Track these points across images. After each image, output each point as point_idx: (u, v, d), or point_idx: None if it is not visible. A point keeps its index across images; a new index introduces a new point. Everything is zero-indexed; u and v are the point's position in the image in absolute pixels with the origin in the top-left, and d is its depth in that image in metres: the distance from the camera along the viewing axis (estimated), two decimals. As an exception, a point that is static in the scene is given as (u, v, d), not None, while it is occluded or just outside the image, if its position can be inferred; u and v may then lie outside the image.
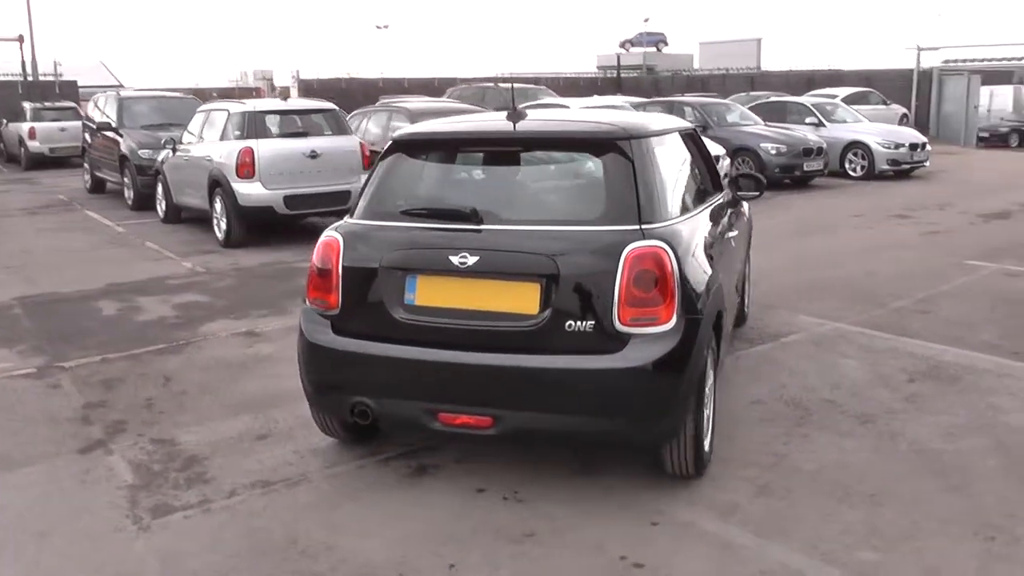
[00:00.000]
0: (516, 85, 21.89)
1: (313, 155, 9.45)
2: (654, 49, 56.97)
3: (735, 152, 14.53)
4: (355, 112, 12.91)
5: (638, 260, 3.33)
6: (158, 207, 11.34)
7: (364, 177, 9.52)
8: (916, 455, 4.05)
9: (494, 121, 3.86)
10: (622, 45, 57.32)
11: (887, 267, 8.13)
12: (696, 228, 3.85)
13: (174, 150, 10.54)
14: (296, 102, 10.48)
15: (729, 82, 35.95)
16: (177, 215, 11.01)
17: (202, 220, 10.57)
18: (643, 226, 3.45)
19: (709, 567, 3.14)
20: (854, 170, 15.75)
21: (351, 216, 3.86)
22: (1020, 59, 34.06)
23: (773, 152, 14.77)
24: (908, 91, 27.27)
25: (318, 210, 9.75)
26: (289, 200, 9.35)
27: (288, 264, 8.69)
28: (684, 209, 3.88)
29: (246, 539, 3.38)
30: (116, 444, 4.32)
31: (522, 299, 3.41)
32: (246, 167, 9.11)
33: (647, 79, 40.48)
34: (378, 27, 51.85)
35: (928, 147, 16.05)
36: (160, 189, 11.15)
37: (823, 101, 18.71)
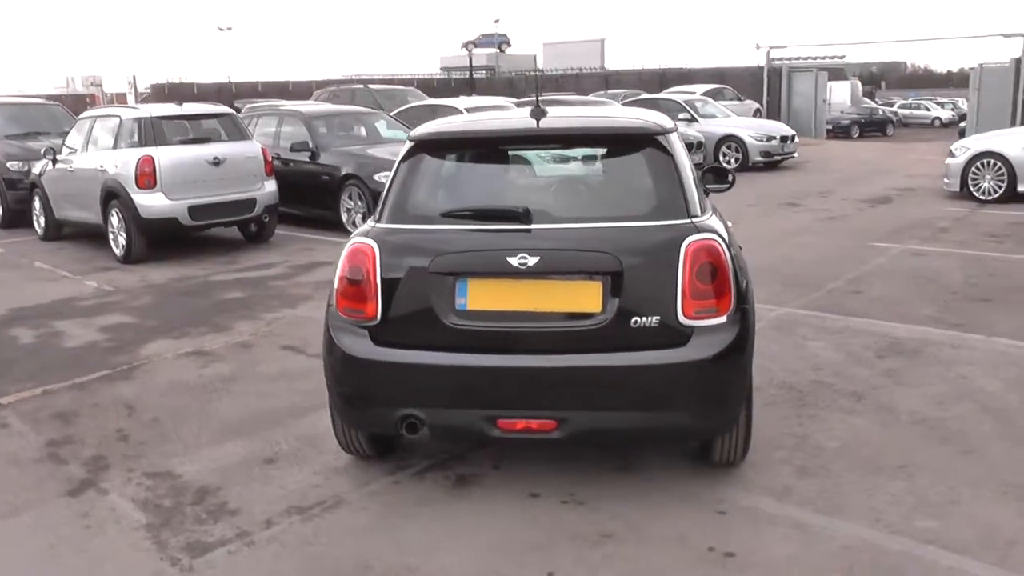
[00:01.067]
0: (379, 88, 21.58)
1: (216, 162, 8.92)
2: (497, 50, 57.72)
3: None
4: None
5: (698, 253, 3.35)
6: (35, 223, 10.36)
7: (268, 184, 9.35)
8: (918, 425, 4.29)
9: (522, 119, 3.76)
10: (465, 46, 57.63)
11: (801, 252, 8.59)
12: (720, 220, 3.92)
13: (54, 161, 9.67)
14: (193, 107, 9.84)
15: (583, 81, 37.01)
16: (58, 231, 10.12)
17: (90, 235, 9.77)
18: (693, 220, 3.48)
19: (795, 549, 3.20)
20: (728, 163, 16.54)
21: (377, 220, 3.66)
22: (842, 57, 36.94)
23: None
24: (759, 87, 28.90)
25: (224, 220, 9.24)
26: (194, 211, 8.78)
27: (200, 278, 8.17)
28: (706, 203, 3.94)
29: (312, 570, 3.15)
30: (107, 482, 3.91)
31: (584, 298, 3.35)
32: (146, 177, 8.48)
33: (500, 79, 40.98)
34: (221, 29, 49.75)
35: (796, 139, 17.10)
36: (37, 204, 10.18)
37: (693, 98, 19.54)
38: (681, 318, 3.33)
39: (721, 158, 16.61)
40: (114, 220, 8.78)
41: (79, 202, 9.36)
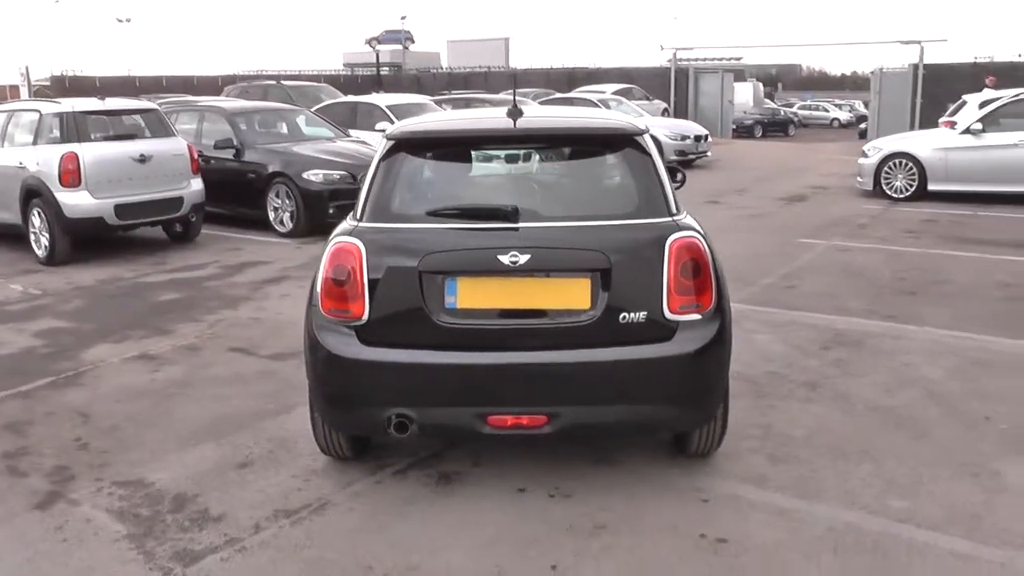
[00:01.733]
0: (292, 84, 21.15)
1: (142, 159, 8.59)
2: (401, 47, 57.30)
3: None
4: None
5: (682, 250, 3.45)
6: (-57, 224, 9.73)
7: (194, 182, 9.07)
8: (872, 412, 4.53)
9: (498, 119, 3.79)
10: (369, 43, 56.98)
11: (731, 249, 8.81)
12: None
13: (-38, 157, 9.10)
14: (116, 102, 9.40)
15: (492, 79, 37.10)
16: (-32, 232, 9.55)
17: (4, 236, 9.27)
18: (674, 218, 3.58)
19: (782, 533, 3.34)
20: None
21: (359, 219, 3.62)
22: (739, 59, 38.26)
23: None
24: (666, 87, 29.62)
25: (150, 220, 8.91)
26: (120, 210, 8.44)
27: (130, 280, 7.87)
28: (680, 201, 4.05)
29: (315, 573, 3.11)
30: (75, 493, 3.75)
31: (573, 295, 3.41)
32: (71, 174, 8.10)
33: (407, 76, 40.71)
34: (120, 20, 47.68)
35: (710, 138, 17.62)
36: (-56, 203, 9.57)
37: (606, 97, 19.88)
38: (667, 313, 3.43)
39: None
40: (35, 220, 8.35)
41: (-6, 201, 8.86)
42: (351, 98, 15.52)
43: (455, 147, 3.82)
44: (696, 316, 3.48)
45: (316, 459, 4.02)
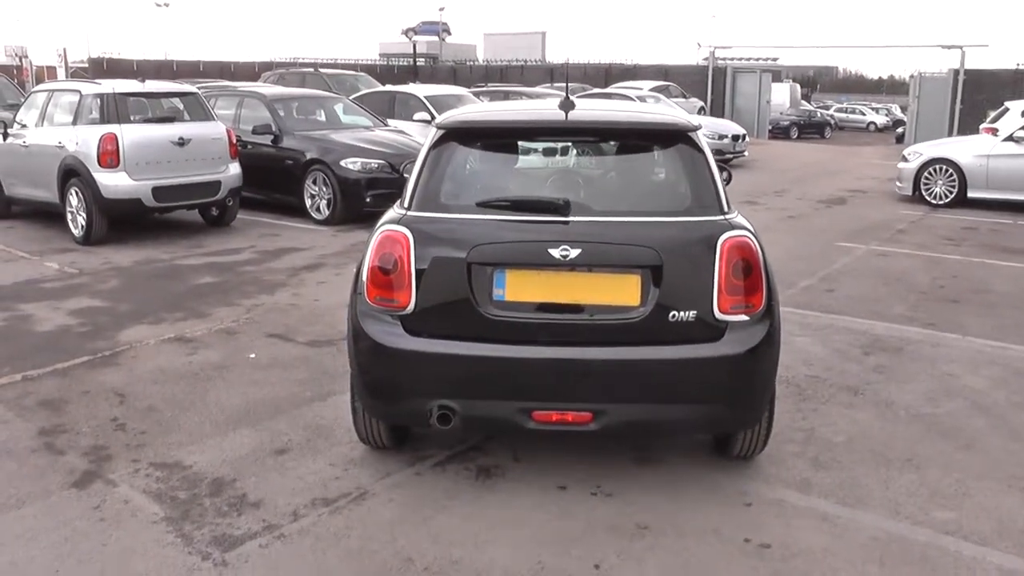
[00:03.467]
0: (329, 72, 21.21)
1: (181, 142, 8.63)
2: (437, 38, 57.29)
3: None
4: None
5: (734, 249, 3.39)
6: (-19, 201, 9.88)
7: (232, 167, 9.10)
8: (916, 420, 4.44)
9: (550, 111, 3.74)
10: (405, 33, 57.00)
11: (770, 249, 8.68)
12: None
13: (4, 135, 9.22)
14: (156, 84, 9.48)
15: (528, 73, 36.96)
16: (7, 209, 9.67)
17: (41, 214, 9.38)
18: (726, 216, 3.52)
19: (827, 540, 3.28)
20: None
21: (407, 207, 3.58)
22: (775, 59, 37.86)
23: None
24: (704, 85, 29.32)
25: (187, 203, 8.97)
26: (158, 192, 8.49)
27: (166, 262, 7.92)
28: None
29: (356, 563, 3.09)
30: (114, 473, 3.77)
31: (623, 291, 3.36)
32: (109, 155, 8.16)
33: (443, 68, 40.67)
34: (158, 4, 48.01)
35: (747, 138, 17.44)
36: (-15, 180, 9.71)
37: (644, 94, 19.72)
38: (716, 313, 3.37)
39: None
40: (73, 199, 8.43)
41: (33, 180, 8.96)
42: (389, 88, 15.54)
43: (506, 138, 3.78)
44: (746, 317, 3.43)
45: (354, 448, 4.01)
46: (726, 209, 3.56)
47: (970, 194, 11.25)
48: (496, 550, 3.16)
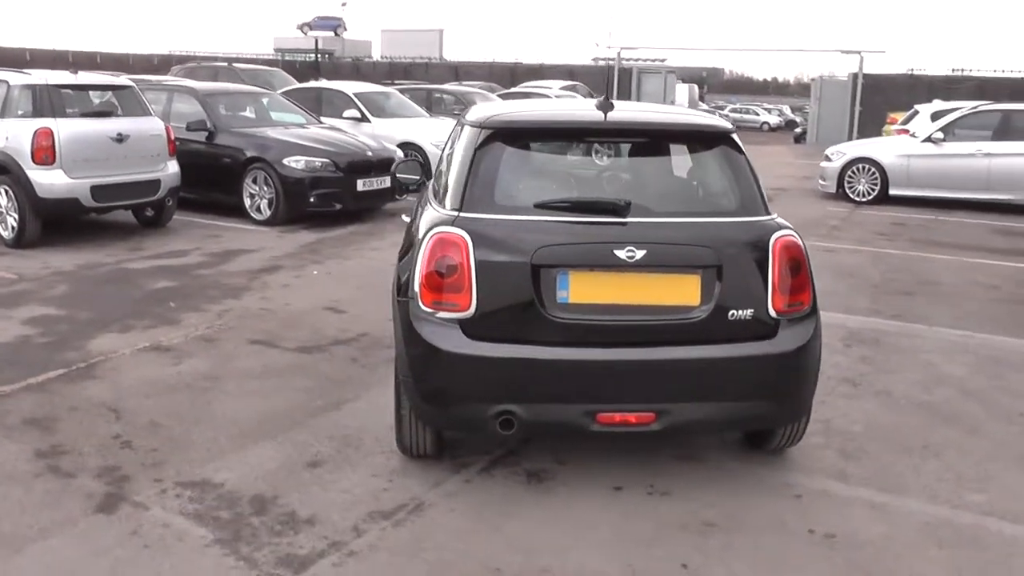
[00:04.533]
0: (244, 67, 20.50)
1: (120, 138, 8.15)
2: (332, 34, 56.24)
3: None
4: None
5: (785, 249, 3.47)
6: None
7: (171, 165, 8.66)
8: (919, 409, 4.65)
9: (589, 111, 3.72)
10: (300, 28, 55.69)
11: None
12: None
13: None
14: (91, 76, 8.90)
15: (432, 71, 36.80)
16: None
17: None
18: (771, 216, 3.60)
19: (884, 527, 3.39)
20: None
21: (458, 208, 3.48)
22: (663, 60, 38.78)
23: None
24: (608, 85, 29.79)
25: (127, 203, 8.49)
26: (97, 191, 7.98)
27: (111, 265, 7.47)
28: None
29: (442, 576, 3.00)
30: (139, 495, 3.52)
31: (683, 291, 3.38)
32: (44, 151, 7.62)
33: (346, 65, 39.98)
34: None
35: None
36: None
37: (562, 93, 19.96)
38: (771, 311, 3.44)
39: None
40: (2, 199, 7.83)
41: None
42: (315, 84, 15.13)
43: (551, 139, 3.75)
44: (797, 314, 3.51)
45: (390, 458, 3.88)
46: (769, 209, 3.64)
47: (891, 191, 11.90)
48: (580, 555, 3.12)
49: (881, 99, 21.96)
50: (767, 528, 3.36)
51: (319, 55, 36.76)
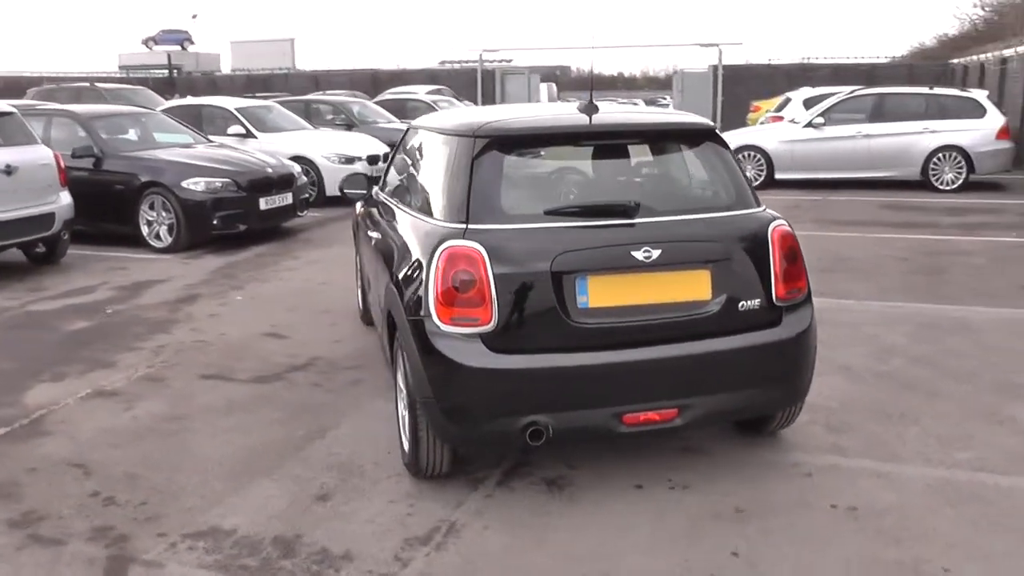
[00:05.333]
0: (108, 87, 19.36)
1: (8, 171, 7.51)
2: (179, 48, 53.89)
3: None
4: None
5: (783, 238, 3.60)
6: None
7: (63, 196, 8.07)
8: (880, 379, 4.93)
9: (574, 115, 3.72)
10: (145, 43, 53.04)
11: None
12: None
13: None
14: (-37, 105, 8.16)
15: (292, 81, 35.83)
16: None
17: None
18: (763, 208, 3.73)
19: (896, 495, 3.56)
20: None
21: (464, 221, 3.40)
22: (510, 61, 39.25)
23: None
24: (472, 88, 30.02)
25: (20, 240, 7.83)
26: (-16, 230, 7.35)
27: (16, 309, 6.86)
28: None
29: (504, 598, 2.93)
30: (147, 554, 3.26)
31: (695, 287, 3.45)
32: (-77, 191, 6.94)
33: (202, 79, 38.38)
34: None
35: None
36: None
37: (438, 98, 19.91)
38: (775, 299, 3.56)
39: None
40: None
41: None
42: (193, 100, 14.44)
43: (546, 144, 3.73)
44: (796, 300, 3.64)
45: (399, 481, 3.76)
46: (759, 201, 3.76)
47: (777, 175, 12.55)
48: (633, 558, 3.13)
49: (742, 89, 23.06)
50: (792, 508, 3.48)
51: (163, 71, 35.04)
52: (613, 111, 4.10)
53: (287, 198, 9.96)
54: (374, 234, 4.66)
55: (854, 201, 11.65)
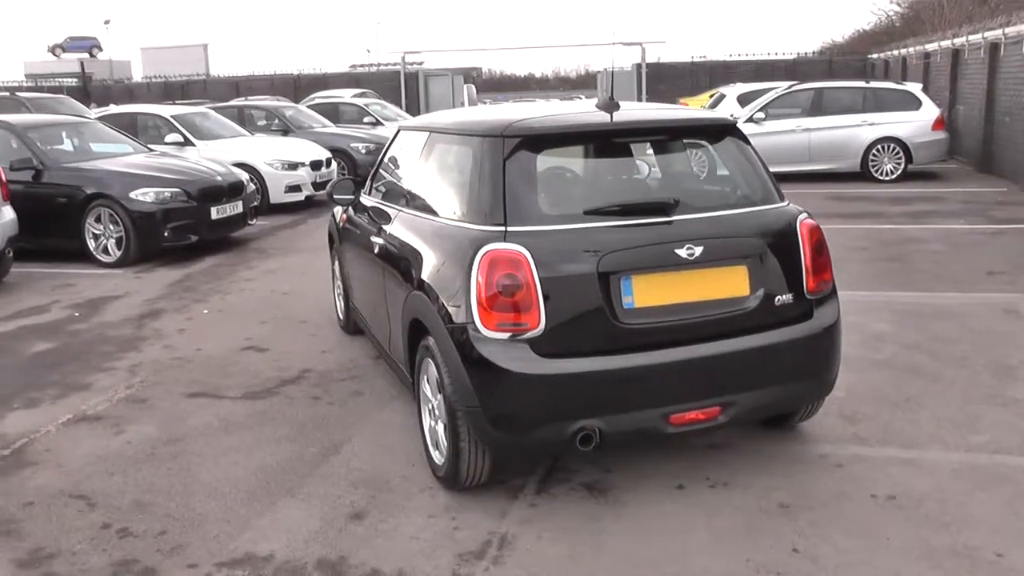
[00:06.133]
0: (30, 96, 18.39)
1: (-56, 187, 7.07)
2: (88, 55, 51.96)
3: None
4: None
5: (811, 232, 3.62)
6: None
7: (6, 211, 7.62)
8: (879, 367, 5.02)
9: (594, 112, 3.67)
10: (51, 50, 50.96)
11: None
12: None
13: None
14: None
15: (212, 88, 34.95)
16: None
17: None
18: (788, 203, 3.74)
19: (928, 481, 3.62)
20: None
21: (502, 223, 3.28)
22: (421, 64, 39.17)
23: (363, 151, 15.18)
24: (396, 91, 29.78)
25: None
26: (-77, 250, 6.87)
27: (-44, 334, 6.46)
28: None
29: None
30: (185, 586, 3.07)
31: (734, 283, 3.44)
32: None
33: (119, 87, 37.02)
34: None
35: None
36: None
37: (370, 101, 19.63)
38: (807, 293, 3.58)
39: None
40: None
41: None
42: (130, 108, 13.83)
43: (576, 142, 3.67)
44: (824, 292, 3.67)
45: (434, 495, 3.65)
46: (784, 196, 3.78)
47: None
48: (697, 559, 3.09)
49: (666, 86, 23.50)
50: (834, 500, 3.50)
51: (72, 79, 33.62)
52: (634, 108, 4.06)
53: (237, 207, 9.65)
54: (375, 240, 4.51)
55: (800, 194, 11.84)
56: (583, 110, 3.84)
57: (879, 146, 12.67)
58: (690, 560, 3.08)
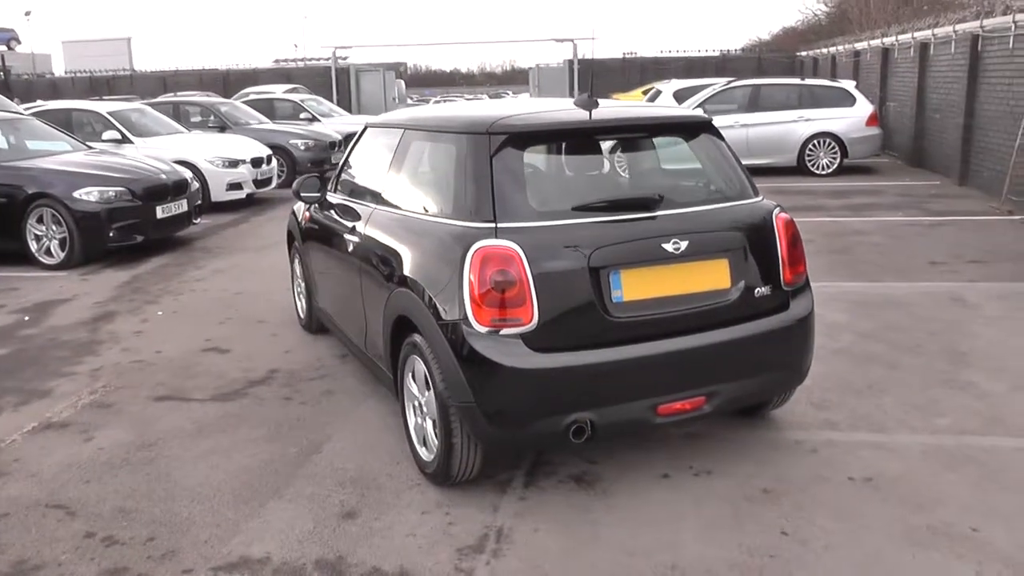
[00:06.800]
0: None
1: None
2: (6, 48, 49.90)
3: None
4: None
5: (786, 225, 3.75)
6: None
7: None
8: (837, 355, 5.21)
9: (574, 110, 3.73)
10: (-31, 45, 48.76)
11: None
12: None
13: None
14: None
15: (138, 83, 33.98)
16: None
17: None
18: (762, 196, 3.86)
19: (899, 463, 3.79)
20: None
21: (492, 220, 3.31)
22: (345, 59, 38.88)
23: (303, 148, 14.99)
24: (327, 87, 29.41)
25: None
26: None
27: None
28: None
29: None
30: (183, 592, 3.03)
31: (716, 276, 3.54)
32: None
33: (42, 82, 35.63)
34: None
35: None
36: None
37: (306, 98, 19.37)
38: (784, 284, 3.71)
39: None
40: None
41: None
42: (64, 104, 13.33)
43: (560, 139, 3.73)
44: (799, 284, 3.81)
45: (424, 491, 3.66)
46: (758, 191, 3.90)
47: (667, 166, 12.97)
48: (691, 547, 3.17)
49: (598, 82, 23.65)
50: (814, 483, 3.63)
51: (5, 72, 32.25)
52: (612, 105, 4.12)
53: (182, 205, 9.44)
54: (349, 238, 4.48)
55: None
56: (563, 107, 3.89)
57: (815, 141, 13.08)
58: (685, 548, 3.17)
